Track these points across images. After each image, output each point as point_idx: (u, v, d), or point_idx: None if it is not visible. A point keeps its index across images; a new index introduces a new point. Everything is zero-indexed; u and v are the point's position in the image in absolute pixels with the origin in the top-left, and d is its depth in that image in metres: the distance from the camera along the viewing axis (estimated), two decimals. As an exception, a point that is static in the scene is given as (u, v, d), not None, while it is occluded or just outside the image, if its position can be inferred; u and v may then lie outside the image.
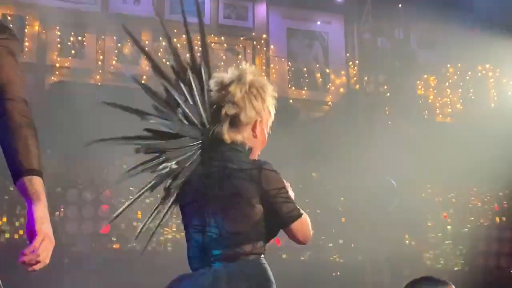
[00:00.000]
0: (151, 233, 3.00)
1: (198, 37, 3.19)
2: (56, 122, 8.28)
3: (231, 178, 2.79)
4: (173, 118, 2.95)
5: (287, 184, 2.95)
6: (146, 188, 2.94)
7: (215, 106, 2.95)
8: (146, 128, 2.93)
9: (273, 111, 3.07)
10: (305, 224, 2.83)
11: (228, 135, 2.90)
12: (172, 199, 2.98)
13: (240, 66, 3.04)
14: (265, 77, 3.12)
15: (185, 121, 2.96)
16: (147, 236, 2.99)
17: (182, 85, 2.99)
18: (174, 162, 2.93)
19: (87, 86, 9.47)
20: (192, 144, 2.95)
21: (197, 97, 2.99)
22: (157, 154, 2.92)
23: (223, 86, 2.95)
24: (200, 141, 2.96)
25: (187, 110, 2.96)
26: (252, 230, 2.77)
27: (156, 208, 2.96)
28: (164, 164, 2.93)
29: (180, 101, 2.96)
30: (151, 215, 2.96)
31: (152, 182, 2.94)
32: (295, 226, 2.81)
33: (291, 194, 2.93)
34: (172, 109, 2.96)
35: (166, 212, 2.98)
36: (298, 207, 2.84)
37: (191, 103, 2.98)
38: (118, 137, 2.91)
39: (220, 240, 2.76)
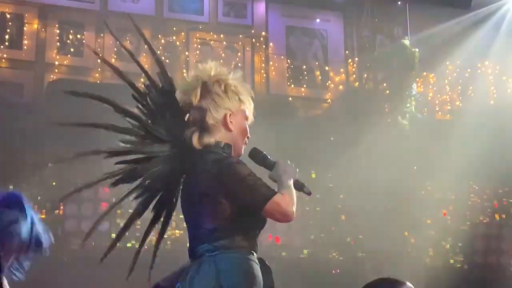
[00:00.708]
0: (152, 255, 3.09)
1: (197, 35, 3.18)
2: (55, 120, 8.26)
3: (199, 181, 2.84)
4: (140, 143, 2.97)
5: (285, 161, 2.97)
6: (134, 213, 2.99)
7: (186, 114, 2.97)
8: (117, 162, 2.96)
9: (245, 97, 3.04)
10: (280, 202, 2.78)
11: (199, 141, 2.93)
12: (162, 219, 3.02)
13: (197, 67, 3.03)
14: (224, 67, 3.09)
15: (152, 142, 2.96)
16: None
17: (143, 109, 3.00)
18: (155, 182, 2.96)
19: (86, 84, 9.47)
20: (166, 161, 2.96)
21: (162, 114, 2.99)
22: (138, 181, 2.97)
23: (183, 95, 2.98)
24: (175, 155, 2.97)
25: (154, 132, 2.96)
26: (227, 225, 2.79)
27: (148, 233, 3.02)
28: (146, 185, 2.96)
29: (145, 126, 2.97)
30: (144, 239, 3.01)
31: (139, 208, 2.99)
32: (269, 208, 2.77)
33: (289, 172, 2.93)
34: (137, 135, 2.98)
35: (161, 234, 3.05)
36: (268, 187, 2.81)
37: (159, 120, 2.98)
38: (97, 180, 2.97)
39: (200, 238, 2.82)
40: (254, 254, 2.83)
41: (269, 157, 3.04)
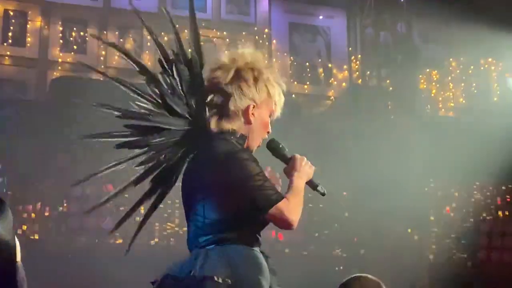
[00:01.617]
0: (136, 229, 2.98)
1: (200, 32, 3.10)
2: (58, 117, 8.29)
3: (209, 169, 2.73)
4: (155, 112, 2.86)
5: (302, 158, 2.89)
6: (131, 181, 2.91)
7: (208, 94, 2.85)
8: (125, 124, 2.84)
9: (275, 90, 2.92)
10: (283, 210, 2.68)
11: (216, 124, 2.81)
12: (158, 192, 2.95)
13: (237, 49, 2.95)
14: (265, 59, 3.01)
15: (167, 114, 2.85)
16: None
17: (167, 78, 2.88)
18: (160, 155, 2.88)
19: (89, 81, 9.48)
20: (177, 136, 2.86)
21: (185, 88, 2.87)
22: (143, 149, 2.86)
23: (213, 72, 2.85)
24: (187, 132, 2.87)
25: (171, 103, 2.84)
26: (232, 218, 2.71)
27: (141, 202, 2.94)
28: (149, 157, 2.87)
29: (164, 94, 2.85)
30: (133, 209, 2.94)
31: (137, 175, 2.92)
32: (271, 213, 2.67)
33: (304, 171, 2.86)
34: (154, 103, 2.87)
35: (153, 207, 2.97)
36: (275, 191, 2.71)
37: (180, 94, 2.87)
38: (99, 133, 2.85)
39: (206, 228, 2.73)
40: (258, 248, 2.79)
41: (286, 150, 2.98)
